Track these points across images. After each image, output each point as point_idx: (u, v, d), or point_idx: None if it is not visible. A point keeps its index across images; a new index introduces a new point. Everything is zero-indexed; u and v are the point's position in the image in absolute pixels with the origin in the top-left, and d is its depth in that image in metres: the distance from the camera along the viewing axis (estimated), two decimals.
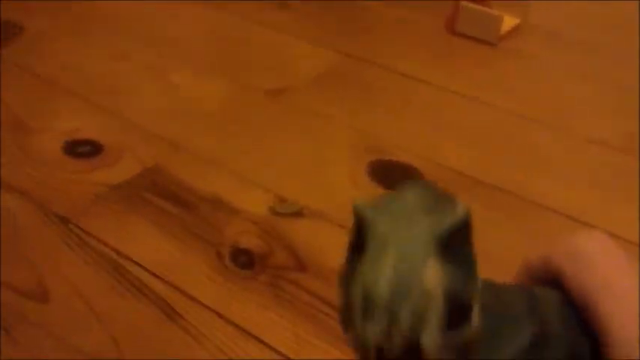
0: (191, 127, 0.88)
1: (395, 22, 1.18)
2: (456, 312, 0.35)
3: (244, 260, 0.69)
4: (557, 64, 1.07)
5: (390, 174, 0.82)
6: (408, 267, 0.33)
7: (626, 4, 1.26)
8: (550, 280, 0.42)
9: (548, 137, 0.90)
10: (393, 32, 1.15)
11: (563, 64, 1.07)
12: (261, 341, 0.61)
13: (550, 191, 0.80)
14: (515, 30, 1.16)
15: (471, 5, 1.12)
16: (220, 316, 0.63)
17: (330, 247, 0.70)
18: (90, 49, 1.05)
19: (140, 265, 0.67)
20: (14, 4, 1.15)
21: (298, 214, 0.75)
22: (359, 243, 0.36)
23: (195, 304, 0.64)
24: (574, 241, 0.41)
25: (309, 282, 0.66)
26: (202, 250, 0.69)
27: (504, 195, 0.79)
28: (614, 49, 1.11)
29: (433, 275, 0.33)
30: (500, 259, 0.51)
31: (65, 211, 0.73)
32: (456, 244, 0.35)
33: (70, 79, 0.96)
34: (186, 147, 0.84)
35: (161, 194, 0.76)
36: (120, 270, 0.67)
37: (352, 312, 0.34)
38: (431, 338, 0.33)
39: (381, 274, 0.34)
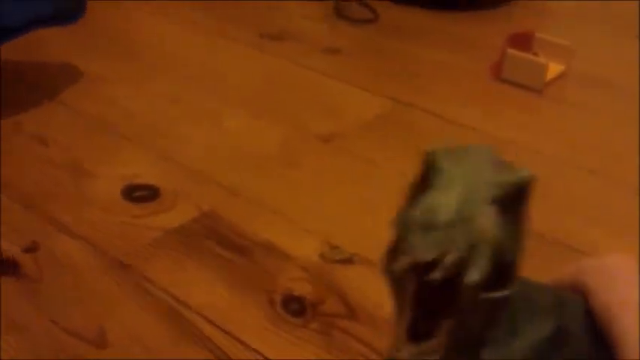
0: (244, 171, 0.90)
1: (442, 67, 1.20)
2: (497, 270, 0.35)
3: (296, 307, 0.70)
4: (602, 111, 1.08)
5: None
6: (470, 204, 0.34)
7: None
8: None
9: (596, 185, 0.90)
10: (441, 78, 1.17)
11: (608, 110, 1.08)
12: None
13: (599, 241, 0.80)
14: (560, 77, 1.17)
15: (517, 52, 1.14)
16: None
17: (380, 294, 0.71)
18: (146, 92, 1.07)
19: (195, 311, 0.69)
20: (74, 48, 1.18)
21: (349, 260, 0.76)
22: (424, 185, 0.37)
23: (247, 351, 0.65)
24: (601, 262, 0.43)
25: (360, 330, 0.68)
26: (255, 297, 0.71)
27: (551, 244, 0.80)
28: None
29: (490, 221, 0.34)
30: None
31: (123, 256, 0.75)
32: (512, 206, 0.36)
33: (127, 123, 0.99)
34: (239, 191, 0.86)
35: (216, 239, 0.78)
36: (176, 316, 0.68)
37: (408, 231, 0.35)
38: (474, 276, 0.34)
39: (447, 199, 0.34)
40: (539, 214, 0.84)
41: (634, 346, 0.38)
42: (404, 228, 0.36)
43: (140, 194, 0.85)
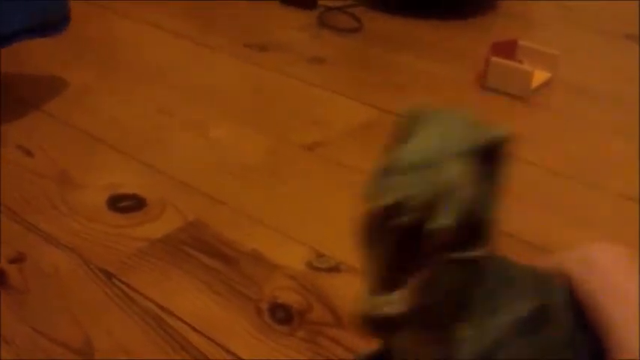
0: (230, 181, 0.90)
1: (427, 76, 1.21)
2: (467, 228, 0.35)
3: (282, 316, 0.70)
4: (588, 119, 1.09)
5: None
6: (439, 152, 0.34)
7: None
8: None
9: (582, 193, 0.91)
10: (426, 87, 1.17)
11: (594, 118, 1.09)
12: None
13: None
14: (545, 84, 1.18)
15: (501, 60, 1.14)
16: None
17: None
18: (131, 102, 1.08)
19: (181, 320, 0.69)
20: (59, 58, 1.18)
21: (335, 269, 0.77)
22: (401, 141, 0.38)
23: (234, 359, 0.65)
24: (587, 251, 0.43)
25: (346, 337, 0.68)
26: (242, 306, 0.71)
27: (537, 250, 0.80)
28: None
29: (460, 172, 0.34)
30: None
31: (109, 266, 0.75)
32: (486, 164, 0.36)
33: (112, 133, 0.99)
34: (225, 201, 0.86)
35: (202, 249, 0.78)
36: (162, 324, 0.68)
37: (376, 177, 0.36)
38: (438, 221, 0.34)
39: (415, 147, 0.35)
40: (524, 220, 0.85)
41: (620, 331, 0.38)
42: (373, 177, 0.36)
43: (125, 204, 0.85)
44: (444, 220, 0.33)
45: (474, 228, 0.36)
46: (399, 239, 0.36)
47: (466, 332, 0.38)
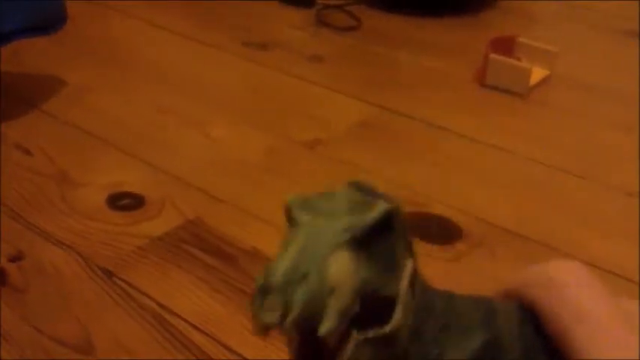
0: (230, 179, 0.90)
1: (426, 73, 1.21)
2: (371, 309, 0.34)
3: None
4: (587, 115, 1.09)
5: (425, 224, 0.84)
6: (312, 257, 0.33)
7: None
8: (526, 307, 0.41)
9: (582, 188, 0.91)
10: (425, 84, 1.17)
11: (593, 114, 1.09)
12: None
13: (586, 243, 0.81)
14: (544, 81, 1.18)
15: (500, 57, 1.15)
16: None
17: None
18: (131, 101, 1.08)
19: (181, 317, 0.69)
20: (57, 57, 1.18)
21: None
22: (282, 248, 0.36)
23: (233, 355, 0.65)
24: (546, 272, 0.41)
25: None
26: (241, 303, 0.71)
27: (540, 247, 0.80)
28: None
29: (339, 268, 0.33)
30: None
31: (109, 264, 0.75)
32: (379, 242, 0.35)
33: (111, 132, 0.99)
34: (225, 199, 0.86)
35: (201, 246, 0.78)
36: (162, 322, 0.68)
37: (254, 297, 0.34)
38: (327, 327, 0.32)
39: (282, 260, 0.33)
40: (527, 218, 0.85)
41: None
42: (255, 295, 0.35)
43: (125, 202, 0.85)
44: (328, 324, 0.32)
45: (380, 305, 0.35)
46: (304, 348, 0.36)
47: None
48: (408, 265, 0.37)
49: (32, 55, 1.17)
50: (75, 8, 1.05)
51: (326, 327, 0.32)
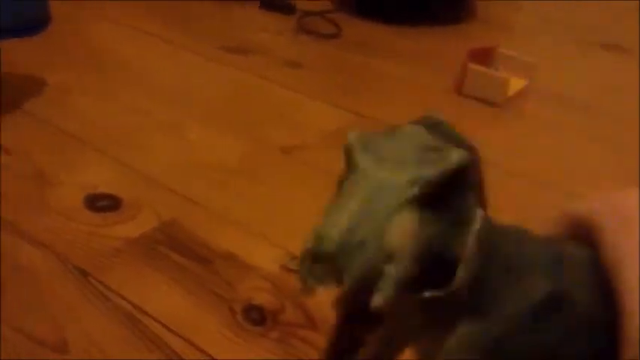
0: (206, 182, 0.91)
1: (404, 82, 1.22)
2: (430, 268, 0.32)
3: (256, 317, 0.71)
4: (563, 126, 1.10)
5: None
6: (371, 219, 0.30)
7: (628, 66, 1.29)
8: (585, 234, 0.39)
9: (558, 200, 0.92)
10: (402, 92, 1.18)
11: (569, 126, 1.10)
12: None
13: None
14: (522, 92, 1.19)
15: (478, 67, 1.16)
16: None
17: None
18: (109, 103, 1.08)
19: (155, 319, 0.69)
20: (38, 59, 1.18)
21: None
22: (341, 187, 0.34)
23: (204, 357, 0.66)
24: (615, 197, 0.39)
25: (319, 339, 0.68)
26: (215, 306, 0.72)
27: None
28: (618, 112, 1.13)
29: (400, 232, 0.30)
30: None
31: (85, 265, 0.75)
32: (448, 195, 0.32)
33: (90, 133, 0.99)
34: (201, 202, 0.87)
35: (177, 249, 0.79)
36: (137, 323, 0.69)
37: (302, 262, 0.31)
38: (382, 298, 0.30)
39: (338, 219, 0.30)
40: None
41: (633, 298, 0.34)
42: (303, 256, 0.31)
43: (102, 204, 0.85)
44: (384, 294, 0.30)
45: (444, 264, 0.33)
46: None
47: (469, 327, 0.35)
48: (477, 217, 0.34)
49: (13, 55, 1.17)
50: (55, 10, 1.06)
51: (381, 298, 0.30)
